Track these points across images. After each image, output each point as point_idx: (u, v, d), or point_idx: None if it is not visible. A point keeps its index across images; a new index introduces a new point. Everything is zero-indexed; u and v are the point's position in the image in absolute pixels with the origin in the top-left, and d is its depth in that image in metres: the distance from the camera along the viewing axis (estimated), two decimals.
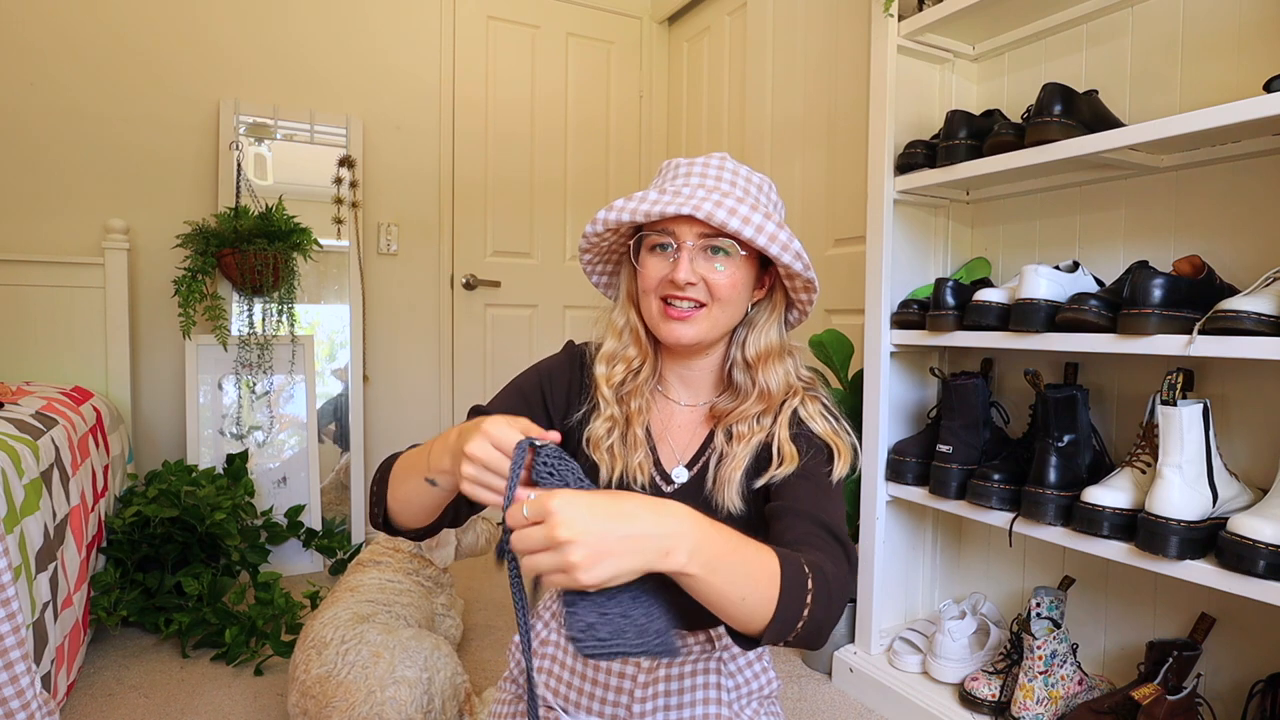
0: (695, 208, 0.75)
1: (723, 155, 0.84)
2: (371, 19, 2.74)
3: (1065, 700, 1.38)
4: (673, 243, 0.80)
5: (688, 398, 0.89)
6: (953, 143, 1.52)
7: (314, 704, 1.28)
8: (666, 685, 0.88)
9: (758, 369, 0.84)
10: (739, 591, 0.61)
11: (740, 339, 0.86)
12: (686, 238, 0.79)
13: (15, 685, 1.10)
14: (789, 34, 2.51)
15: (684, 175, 0.83)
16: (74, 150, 2.35)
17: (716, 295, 0.80)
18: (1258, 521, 1.05)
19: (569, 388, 0.88)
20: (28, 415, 1.53)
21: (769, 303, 0.87)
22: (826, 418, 0.85)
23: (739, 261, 0.80)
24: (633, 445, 0.84)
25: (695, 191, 0.78)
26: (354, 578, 1.62)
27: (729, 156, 0.84)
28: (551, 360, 0.92)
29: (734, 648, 0.92)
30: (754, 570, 0.62)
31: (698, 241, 0.79)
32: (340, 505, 2.64)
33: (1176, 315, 1.16)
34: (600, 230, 0.83)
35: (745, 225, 0.75)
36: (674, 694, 0.88)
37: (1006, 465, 1.45)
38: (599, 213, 0.81)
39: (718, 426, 0.85)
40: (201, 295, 2.29)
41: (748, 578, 0.61)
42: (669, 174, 0.85)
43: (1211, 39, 1.33)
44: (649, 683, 0.88)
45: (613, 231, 0.84)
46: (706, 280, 0.79)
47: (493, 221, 2.99)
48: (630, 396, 0.86)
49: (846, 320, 2.20)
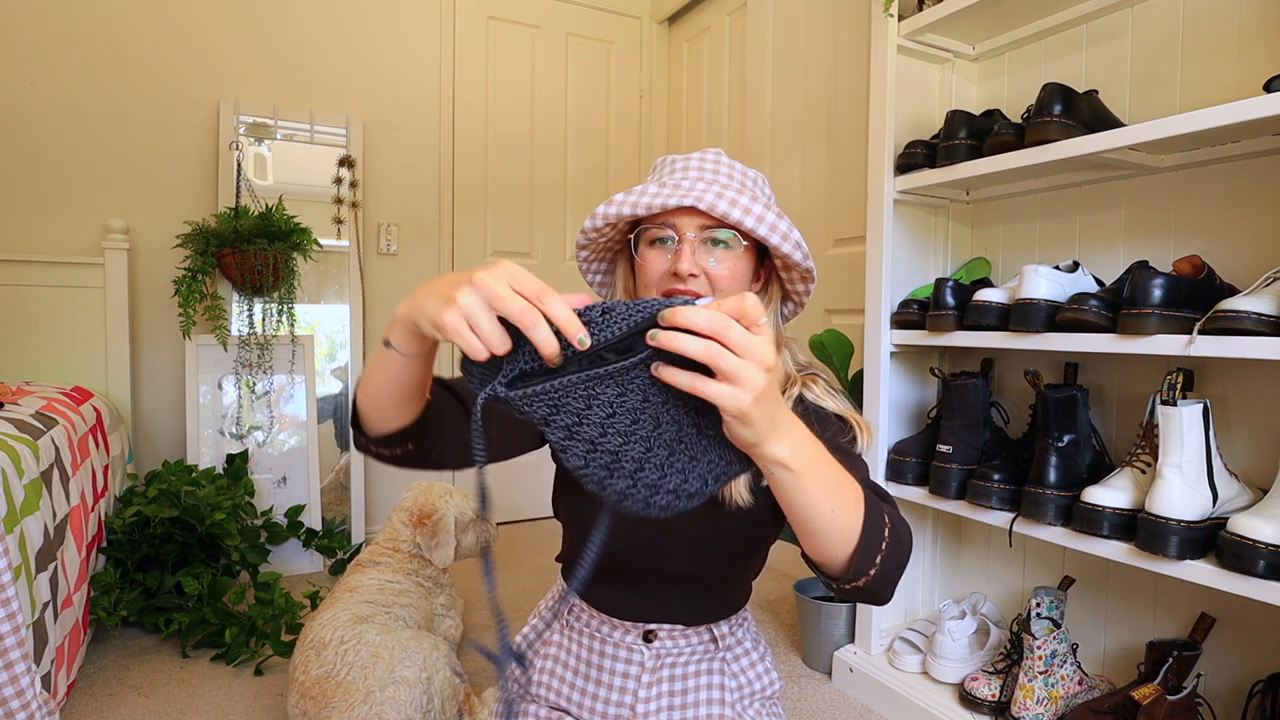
0: (697, 199, 0.75)
1: (717, 150, 0.84)
2: (371, 19, 2.74)
3: (1065, 700, 1.38)
4: (673, 235, 0.79)
5: None
6: (953, 143, 1.52)
7: (313, 705, 1.28)
8: (670, 685, 0.88)
9: None
10: (830, 502, 0.57)
11: None
12: (687, 230, 0.78)
13: (15, 685, 1.10)
14: (789, 34, 2.51)
15: (680, 170, 0.82)
16: (74, 150, 2.35)
17: (717, 287, 0.79)
18: (1258, 521, 1.05)
19: None
20: (28, 415, 1.53)
21: (764, 296, 0.87)
22: (834, 395, 0.85)
23: (739, 253, 0.80)
24: None
25: (695, 184, 0.78)
26: (353, 578, 1.62)
27: (723, 152, 0.84)
28: None
29: (737, 649, 0.92)
30: (844, 485, 0.59)
31: (699, 234, 0.78)
32: (340, 505, 2.64)
33: (1176, 315, 1.16)
34: (600, 225, 0.82)
35: (746, 215, 0.75)
36: (677, 694, 0.88)
37: (1006, 465, 1.45)
38: (598, 207, 0.80)
39: None
40: (201, 295, 2.29)
41: (838, 490, 0.58)
42: (665, 169, 0.84)
43: (1211, 39, 1.33)
44: (653, 683, 0.88)
45: (610, 227, 0.84)
46: (707, 272, 0.79)
47: (493, 221, 2.99)
48: None
49: (846, 320, 2.20)
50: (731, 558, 0.86)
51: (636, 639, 0.89)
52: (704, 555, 0.85)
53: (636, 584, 0.87)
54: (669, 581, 0.86)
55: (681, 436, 0.54)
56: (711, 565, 0.86)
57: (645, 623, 0.88)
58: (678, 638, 0.89)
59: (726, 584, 0.89)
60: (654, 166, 0.87)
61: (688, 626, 0.89)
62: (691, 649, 0.90)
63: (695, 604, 0.89)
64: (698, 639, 0.90)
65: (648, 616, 0.88)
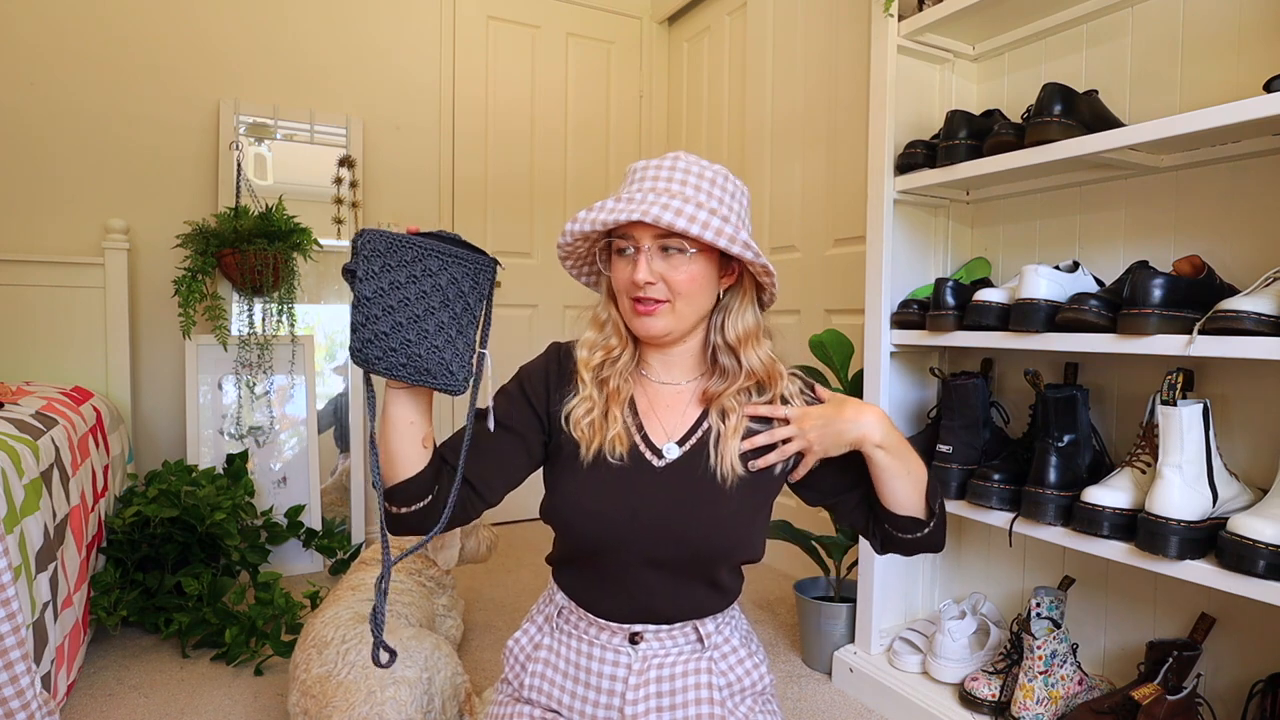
0: (644, 213, 0.80)
1: (676, 155, 0.88)
2: (371, 19, 2.74)
3: (1065, 700, 1.38)
4: (632, 246, 0.85)
5: (669, 378, 0.94)
6: (953, 143, 1.52)
7: (314, 704, 1.28)
8: (658, 686, 0.89)
9: (740, 350, 0.90)
10: (907, 466, 0.87)
11: (718, 324, 0.91)
12: (644, 240, 0.84)
13: (15, 685, 1.10)
14: (789, 34, 2.51)
15: (639, 180, 0.87)
16: (74, 150, 2.35)
17: (677, 290, 0.85)
18: (1258, 521, 1.05)
19: (546, 379, 0.93)
20: (28, 415, 1.53)
21: (739, 288, 0.91)
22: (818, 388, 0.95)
23: (693, 257, 0.85)
24: (612, 421, 0.88)
25: (646, 196, 0.83)
26: (356, 576, 1.62)
27: (683, 154, 0.88)
28: (530, 362, 0.97)
29: (724, 647, 0.94)
30: (914, 455, 0.89)
31: (654, 243, 0.84)
32: (340, 506, 2.64)
33: (1176, 315, 1.16)
34: (570, 241, 0.89)
35: (691, 224, 0.79)
36: (665, 695, 0.89)
37: (1006, 465, 1.45)
38: (567, 224, 0.87)
39: (710, 407, 0.91)
40: (201, 295, 2.29)
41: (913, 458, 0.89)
42: (632, 179, 0.89)
43: (1211, 39, 1.33)
44: (640, 685, 0.89)
45: (584, 238, 0.90)
46: (665, 278, 0.84)
47: (493, 221, 2.99)
48: (610, 378, 0.91)
49: (846, 320, 2.20)
50: (709, 545, 0.87)
51: (623, 641, 0.90)
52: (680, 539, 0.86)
53: (617, 574, 0.88)
54: (649, 569, 0.87)
55: (449, 325, 0.77)
56: (688, 551, 0.87)
57: (630, 623, 0.90)
58: (664, 638, 0.91)
59: (707, 574, 0.90)
60: (626, 173, 0.92)
61: (672, 625, 0.90)
62: (679, 649, 0.91)
63: (677, 598, 0.89)
64: (684, 639, 0.91)
65: (632, 615, 0.90)
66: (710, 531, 0.86)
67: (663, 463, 0.89)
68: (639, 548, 0.86)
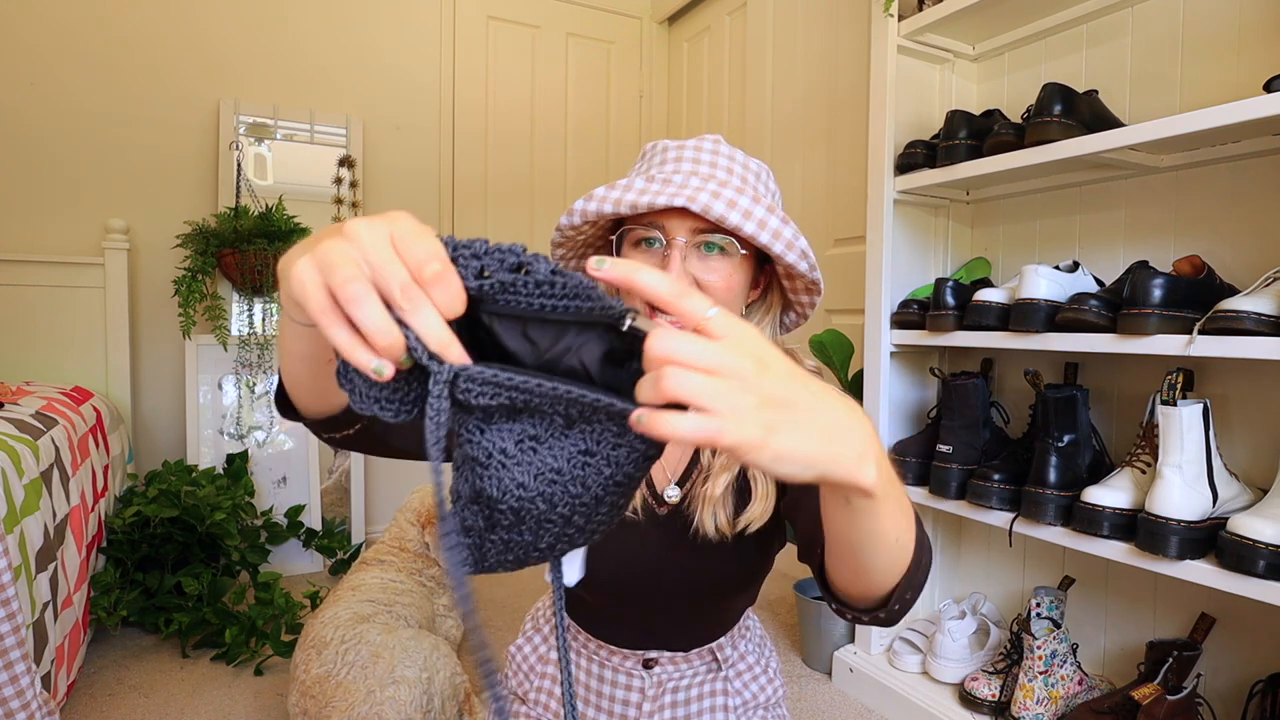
0: (690, 199, 0.64)
1: (715, 138, 0.73)
2: (371, 19, 2.74)
3: (1065, 700, 1.38)
4: (661, 239, 0.69)
5: None
6: (953, 143, 1.52)
7: (314, 704, 1.28)
8: (673, 712, 0.86)
9: None
10: (898, 526, 0.47)
11: None
12: (678, 233, 0.68)
13: (15, 685, 1.10)
14: (789, 34, 2.51)
15: (673, 160, 0.71)
16: (74, 150, 2.35)
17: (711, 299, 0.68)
18: (1258, 521, 1.05)
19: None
20: (28, 415, 1.53)
21: (763, 304, 0.78)
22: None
23: (737, 261, 0.70)
24: None
25: (689, 180, 0.67)
26: (356, 576, 1.62)
27: (722, 139, 0.73)
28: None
29: (740, 664, 0.90)
30: (907, 504, 0.48)
31: (691, 238, 0.68)
32: (340, 506, 2.64)
33: (1176, 315, 1.16)
34: (577, 223, 0.71)
35: (746, 220, 0.64)
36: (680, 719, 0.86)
37: (1006, 465, 1.45)
38: (576, 202, 0.69)
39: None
40: (201, 295, 2.29)
41: (905, 512, 0.48)
42: (655, 158, 0.73)
43: (1211, 39, 1.33)
44: (654, 711, 0.85)
45: (590, 225, 0.73)
46: (700, 282, 0.68)
47: (493, 221, 2.99)
48: None
49: (846, 320, 2.20)
50: (726, 589, 0.81)
51: (636, 665, 0.85)
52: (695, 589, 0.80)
53: (631, 619, 0.83)
54: (663, 615, 0.82)
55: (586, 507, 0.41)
56: (705, 598, 0.81)
57: (643, 650, 0.85)
58: (679, 663, 0.85)
59: (722, 612, 0.85)
60: (643, 153, 0.76)
61: (688, 651, 0.86)
62: (694, 672, 0.86)
63: (692, 633, 0.85)
64: (700, 661, 0.86)
65: (645, 645, 0.85)
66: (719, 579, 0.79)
67: (665, 510, 0.78)
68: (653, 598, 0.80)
